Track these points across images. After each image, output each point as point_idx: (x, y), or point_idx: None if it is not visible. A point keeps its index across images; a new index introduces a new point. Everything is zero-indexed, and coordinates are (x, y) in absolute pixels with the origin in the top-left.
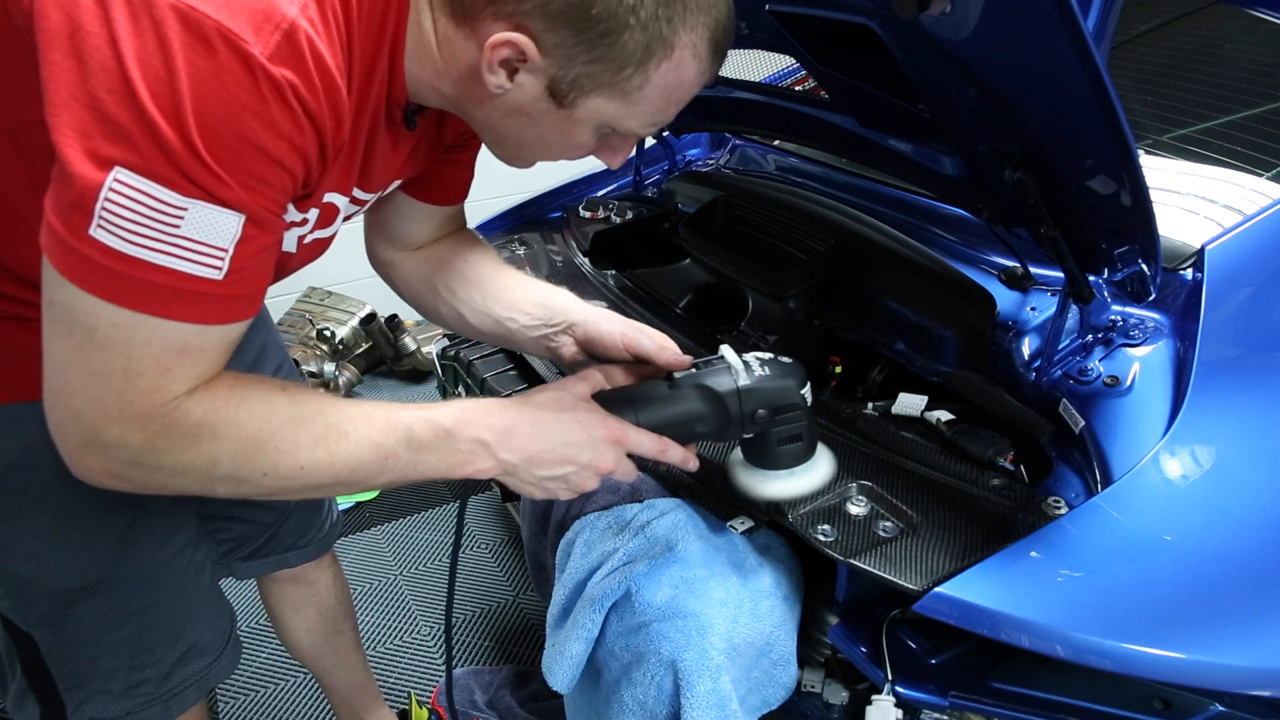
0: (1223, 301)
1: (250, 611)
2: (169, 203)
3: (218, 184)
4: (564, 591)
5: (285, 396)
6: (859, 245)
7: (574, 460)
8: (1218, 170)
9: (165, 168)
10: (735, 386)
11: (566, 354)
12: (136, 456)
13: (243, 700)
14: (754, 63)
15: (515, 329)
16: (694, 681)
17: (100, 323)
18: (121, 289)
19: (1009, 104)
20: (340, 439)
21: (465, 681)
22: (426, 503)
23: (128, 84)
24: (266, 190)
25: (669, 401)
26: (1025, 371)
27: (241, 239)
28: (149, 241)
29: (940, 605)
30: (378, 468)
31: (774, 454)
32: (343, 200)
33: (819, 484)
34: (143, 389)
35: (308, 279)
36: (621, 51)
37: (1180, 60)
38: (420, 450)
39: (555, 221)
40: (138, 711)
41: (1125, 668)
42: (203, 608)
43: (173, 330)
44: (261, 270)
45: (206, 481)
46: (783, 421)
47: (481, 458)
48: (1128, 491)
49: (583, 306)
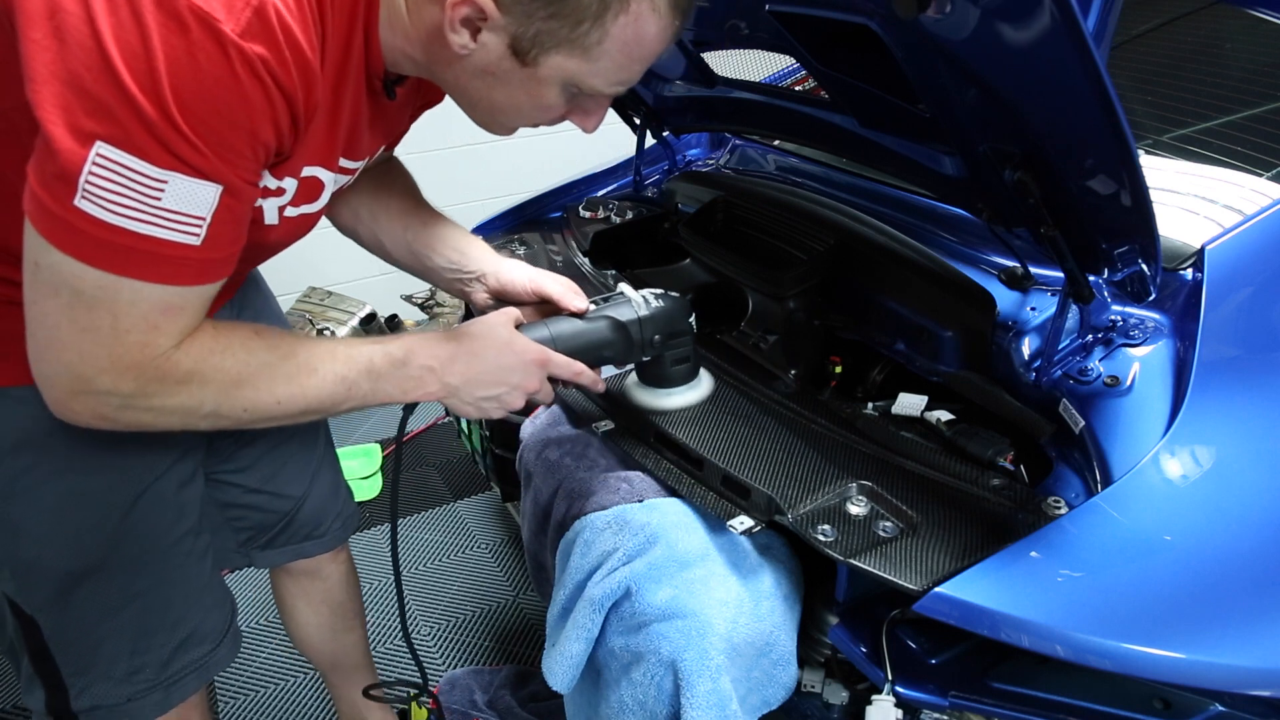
0: (1223, 301)
1: (252, 610)
2: (149, 175)
3: (196, 156)
4: (564, 591)
5: (261, 341)
6: (859, 245)
7: (506, 381)
8: (1218, 170)
9: (145, 141)
10: (637, 316)
11: (478, 299)
12: (128, 401)
13: (243, 700)
14: (754, 63)
15: (431, 267)
16: (694, 682)
17: (87, 285)
18: (106, 255)
19: (1009, 104)
20: (310, 375)
21: (465, 681)
22: (426, 503)
23: (106, 61)
24: (242, 161)
25: (581, 330)
26: (1025, 371)
27: (219, 208)
28: (131, 211)
29: (940, 605)
30: (342, 396)
31: (667, 374)
32: (327, 174)
33: (700, 398)
34: (132, 344)
35: (307, 279)
36: (577, 6)
37: (1180, 60)
38: (379, 379)
39: (555, 221)
40: (139, 698)
41: (1125, 668)
42: (203, 595)
43: (156, 291)
44: (237, 233)
45: (192, 419)
46: (674, 345)
47: (429, 382)
48: (1128, 491)
49: (494, 257)
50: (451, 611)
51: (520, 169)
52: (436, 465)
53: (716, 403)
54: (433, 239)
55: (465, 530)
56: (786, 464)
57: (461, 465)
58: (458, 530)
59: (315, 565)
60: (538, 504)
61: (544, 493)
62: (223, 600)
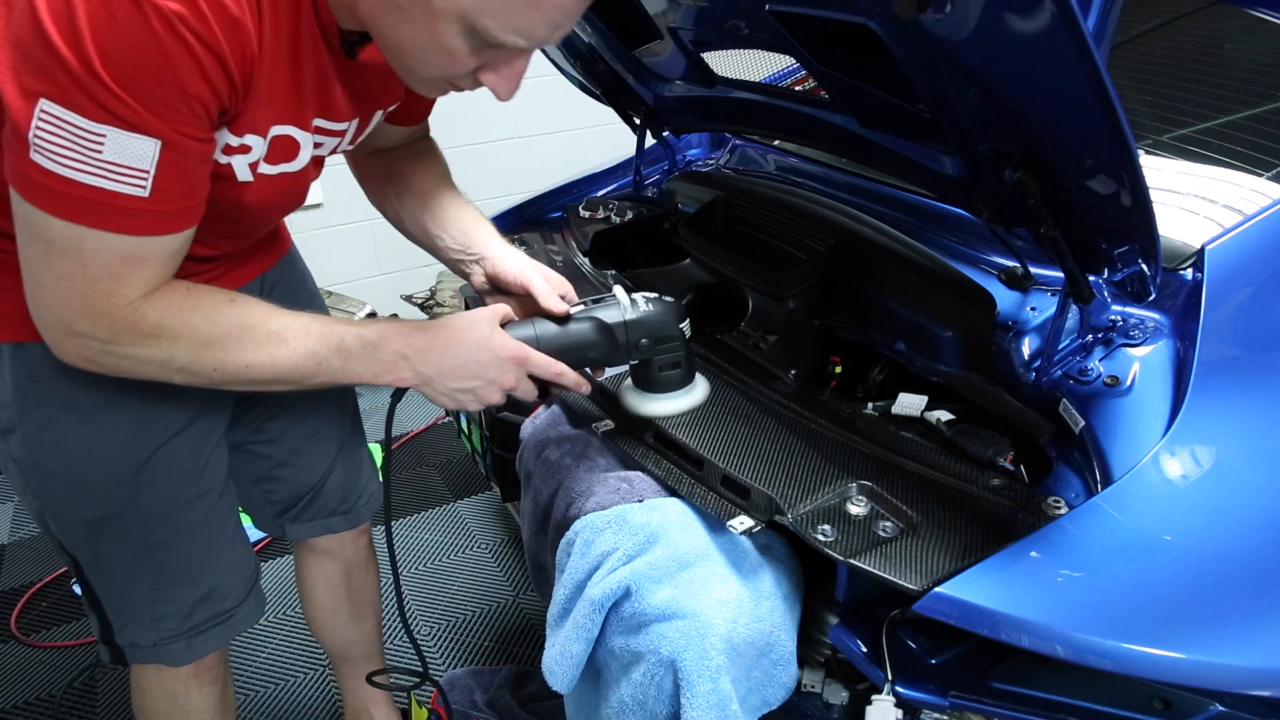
0: (1223, 301)
1: None
2: (87, 130)
3: (127, 110)
4: (564, 591)
5: (233, 307)
6: (859, 245)
7: (481, 376)
8: (1218, 170)
9: (79, 97)
10: (623, 319)
11: (476, 281)
12: (106, 346)
13: (244, 700)
14: (754, 63)
15: (440, 246)
16: (694, 682)
17: (54, 234)
18: (62, 205)
19: (1009, 104)
20: (280, 345)
21: (465, 681)
22: (426, 503)
23: (38, 23)
24: (176, 115)
25: (566, 330)
26: (1025, 371)
27: (161, 161)
28: (76, 162)
29: (940, 605)
30: (312, 370)
31: (656, 379)
32: (302, 134)
33: (692, 406)
34: (101, 292)
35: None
36: None
37: (1180, 60)
38: (349, 358)
39: (555, 221)
40: (163, 645)
41: (1125, 668)
42: (225, 555)
43: (115, 241)
44: (189, 188)
45: (166, 371)
46: (663, 350)
47: (402, 368)
48: (1128, 491)
49: (496, 243)
50: (451, 611)
51: (520, 169)
52: (436, 465)
53: (716, 402)
54: (444, 219)
55: (465, 530)
56: (786, 464)
57: (461, 465)
58: (458, 530)
59: (338, 546)
60: (538, 504)
61: (544, 493)
62: (245, 563)
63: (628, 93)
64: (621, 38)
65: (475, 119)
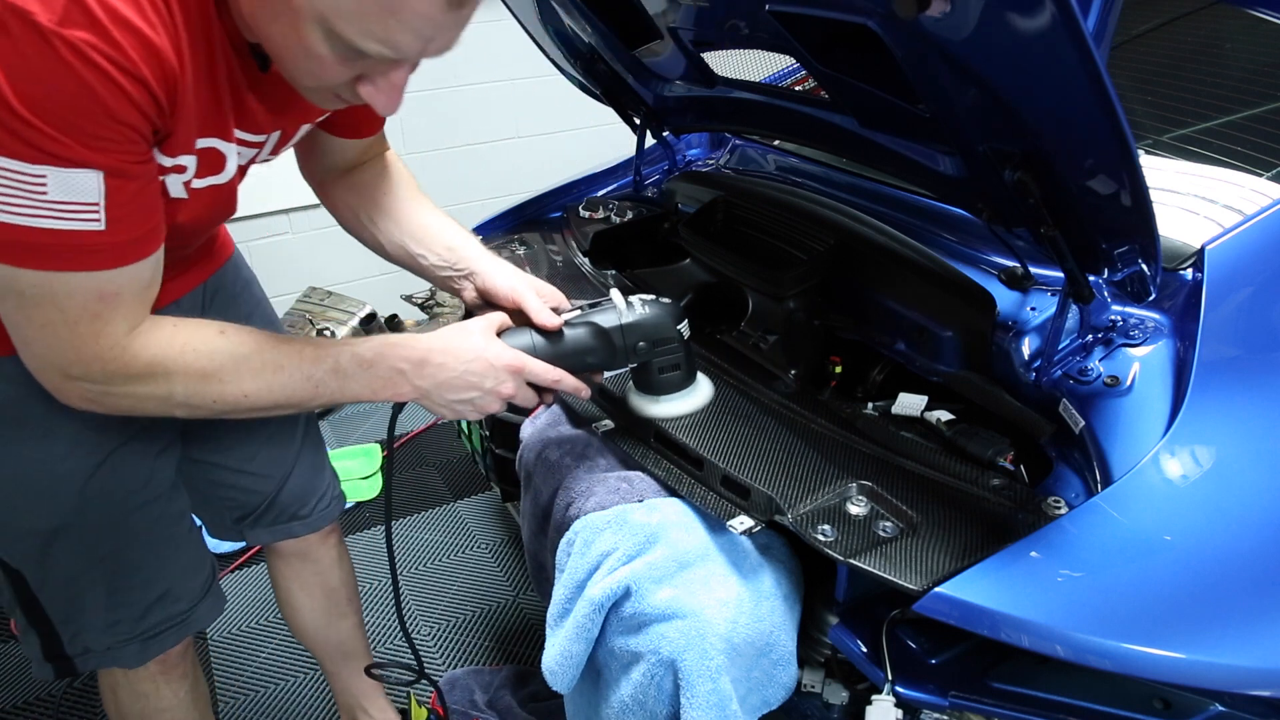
0: (1223, 301)
1: (251, 611)
2: (26, 173)
3: (61, 147)
4: (564, 591)
5: (223, 339)
6: (859, 245)
7: (478, 386)
8: (1218, 170)
9: (9, 141)
10: (619, 323)
11: (468, 297)
12: (105, 388)
13: (243, 700)
14: (754, 63)
15: (425, 265)
16: (694, 682)
17: (23, 285)
18: (22, 254)
19: (1009, 104)
20: (277, 372)
21: (465, 681)
22: (426, 503)
23: None
24: (112, 145)
25: (563, 336)
26: (1025, 371)
27: (109, 190)
28: (23, 208)
29: (940, 605)
30: (310, 394)
31: (656, 381)
32: (226, 145)
33: (696, 408)
34: (85, 334)
35: (308, 279)
36: None
37: (1180, 60)
38: (346, 379)
39: (555, 221)
40: (117, 648)
41: (1125, 668)
42: (177, 556)
43: (84, 280)
44: (143, 211)
45: (168, 406)
46: (662, 353)
47: (399, 384)
48: (1128, 491)
49: (485, 257)
50: (451, 611)
51: (520, 169)
52: (436, 465)
53: (716, 402)
54: (425, 237)
55: (465, 530)
56: (786, 464)
57: (461, 465)
58: (458, 530)
59: (306, 548)
60: (538, 504)
61: (544, 493)
62: (200, 562)
63: (628, 93)
64: (621, 38)
65: (475, 119)
